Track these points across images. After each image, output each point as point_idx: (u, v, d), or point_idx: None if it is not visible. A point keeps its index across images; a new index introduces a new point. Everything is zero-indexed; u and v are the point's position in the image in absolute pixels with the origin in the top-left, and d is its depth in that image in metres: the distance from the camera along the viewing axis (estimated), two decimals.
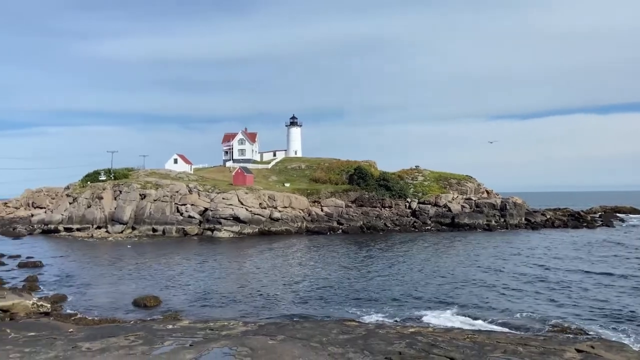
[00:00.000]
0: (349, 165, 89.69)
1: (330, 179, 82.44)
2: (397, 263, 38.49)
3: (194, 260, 41.24)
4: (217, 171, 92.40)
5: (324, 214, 69.58)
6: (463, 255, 41.58)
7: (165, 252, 46.84)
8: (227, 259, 42.70)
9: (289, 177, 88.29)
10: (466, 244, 51.14)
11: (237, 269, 37.29)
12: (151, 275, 34.63)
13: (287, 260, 41.04)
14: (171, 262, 40.81)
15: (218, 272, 35.74)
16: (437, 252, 44.33)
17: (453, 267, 35.99)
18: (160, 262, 40.64)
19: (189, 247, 50.66)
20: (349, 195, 75.04)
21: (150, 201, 64.33)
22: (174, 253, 46.47)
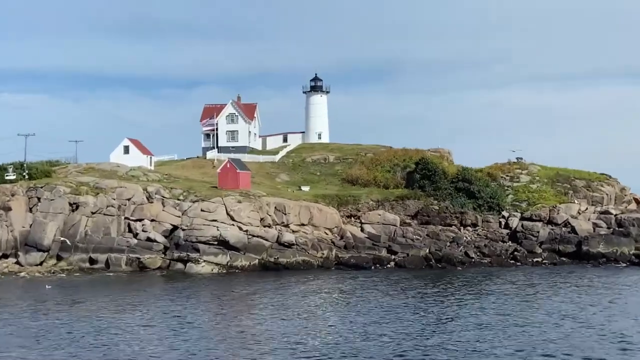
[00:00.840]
0: (406, 156, 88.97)
1: (375, 179, 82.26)
2: (498, 330, 37.49)
3: (156, 319, 40.44)
4: (193, 166, 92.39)
5: (366, 236, 69.18)
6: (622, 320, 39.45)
7: (109, 301, 46.47)
8: (208, 314, 42.06)
9: (308, 176, 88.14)
10: (610, 287, 50.14)
11: (222, 338, 35.86)
12: (79, 355, 32.60)
13: (306, 321, 40.23)
14: (117, 322, 40.05)
15: (193, 344, 34.51)
16: (570, 310, 42.21)
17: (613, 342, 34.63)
18: (100, 322, 39.80)
19: (148, 292, 50.27)
20: (406, 206, 74.80)
21: (86, 214, 64.43)
22: (123, 302, 45.99)
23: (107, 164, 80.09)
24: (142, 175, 76.36)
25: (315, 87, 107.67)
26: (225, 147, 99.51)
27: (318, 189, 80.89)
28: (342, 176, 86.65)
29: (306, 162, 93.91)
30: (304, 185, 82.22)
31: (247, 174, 76.24)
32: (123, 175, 75.64)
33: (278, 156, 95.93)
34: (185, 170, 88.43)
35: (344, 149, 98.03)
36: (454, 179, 77.48)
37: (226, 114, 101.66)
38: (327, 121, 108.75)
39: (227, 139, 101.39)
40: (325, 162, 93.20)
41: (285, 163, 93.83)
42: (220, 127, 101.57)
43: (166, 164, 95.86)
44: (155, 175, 77.59)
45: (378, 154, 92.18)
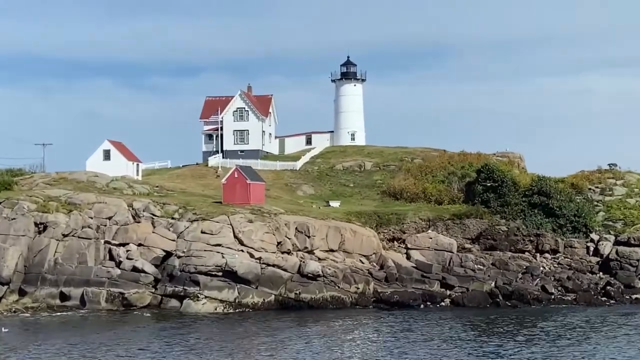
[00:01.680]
0: (465, 162, 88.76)
1: (425, 191, 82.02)
2: None
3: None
4: (191, 175, 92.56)
5: (413, 265, 68.71)
6: None
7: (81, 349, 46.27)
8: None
9: (338, 189, 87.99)
10: None
11: None
12: None
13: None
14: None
15: None
16: None
17: None
18: None
19: (132, 338, 50.11)
20: (465, 227, 74.33)
21: (56, 237, 64.53)
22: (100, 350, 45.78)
23: (82, 173, 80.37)
24: (126, 188, 76.49)
25: (347, 73, 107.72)
26: (233, 152, 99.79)
27: (351, 205, 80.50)
28: (381, 188, 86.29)
29: (336, 170, 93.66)
30: (333, 199, 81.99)
31: (261, 186, 76.19)
32: (103, 187, 75.76)
33: (300, 162, 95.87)
34: (181, 180, 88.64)
35: (385, 154, 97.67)
36: (527, 192, 76.97)
37: (233, 108, 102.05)
38: (363, 117, 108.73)
39: (234, 141, 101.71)
40: (361, 170, 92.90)
41: (309, 171, 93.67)
42: (226, 125, 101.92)
43: (157, 172, 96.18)
44: (143, 188, 77.74)
45: (428, 160, 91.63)
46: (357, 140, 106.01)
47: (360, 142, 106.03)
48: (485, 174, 78.65)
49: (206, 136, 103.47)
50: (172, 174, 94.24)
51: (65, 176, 78.81)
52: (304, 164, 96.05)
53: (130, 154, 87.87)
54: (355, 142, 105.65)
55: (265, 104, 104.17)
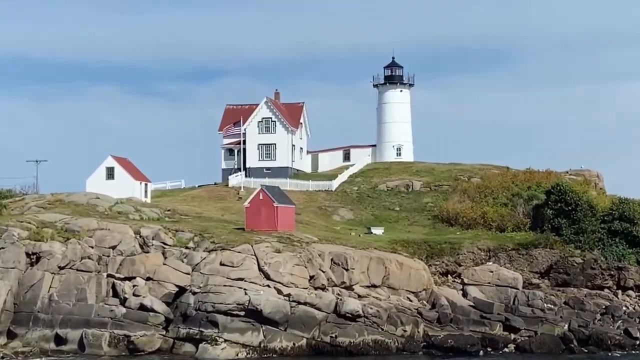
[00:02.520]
0: (532, 182, 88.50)
1: (485, 216, 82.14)
2: None
3: None
4: (209, 197, 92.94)
5: (471, 303, 68.37)
6: None
7: None
8: None
9: (382, 213, 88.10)
10: None
11: None
12: None
13: None
14: None
15: None
16: None
17: None
18: None
19: None
20: (533, 258, 74.16)
21: (51, 270, 64.76)
22: None
23: (82, 194, 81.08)
24: (133, 212, 76.98)
25: (392, 77, 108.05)
26: (257, 169, 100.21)
27: (397, 232, 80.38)
28: (433, 212, 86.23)
29: (379, 190, 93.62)
30: (376, 226, 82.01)
31: (290, 210, 76.31)
32: (105, 211, 76.27)
33: (336, 182, 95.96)
34: (197, 203, 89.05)
35: (436, 172, 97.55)
36: (606, 217, 76.77)
37: (258, 119, 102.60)
38: (411, 129, 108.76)
39: (259, 157, 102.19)
40: (408, 191, 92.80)
41: (347, 192, 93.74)
42: (250, 138, 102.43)
43: (169, 194, 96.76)
44: (152, 212, 78.23)
45: (488, 179, 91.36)
46: (403, 156, 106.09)
47: (408, 158, 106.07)
48: (556, 196, 78.29)
49: (226, 151, 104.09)
50: (186, 195, 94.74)
51: (62, 198, 79.44)
52: (341, 183, 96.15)
53: (138, 172, 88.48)
54: (402, 157, 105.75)
55: (295, 113, 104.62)
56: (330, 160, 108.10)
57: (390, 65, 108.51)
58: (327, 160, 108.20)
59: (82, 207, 76.61)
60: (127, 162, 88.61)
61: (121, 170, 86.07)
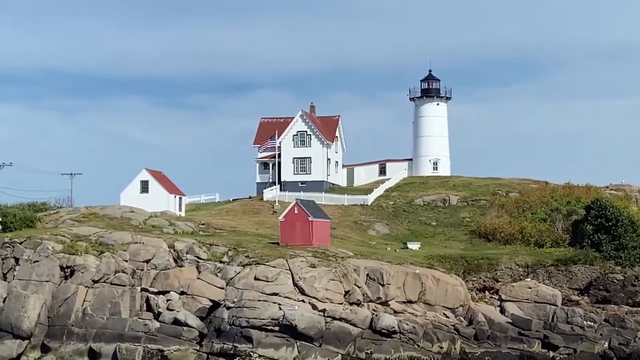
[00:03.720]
0: (571, 196, 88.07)
1: (523, 231, 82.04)
2: None
3: None
4: (243, 211, 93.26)
5: (509, 320, 68.14)
6: None
7: None
8: None
9: (418, 228, 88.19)
10: None
11: None
12: None
13: None
14: None
15: None
16: None
17: None
18: None
19: None
20: (572, 275, 73.94)
21: (85, 284, 65.03)
22: None
23: (116, 207, 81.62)
24: (167, 225, 77.37)
25: (429, 90, 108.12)
26: (292, 183, 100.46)
27: (433, 247, 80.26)
28: (470, 227, 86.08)
29: (415, 205, 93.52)
30: (412, 241, 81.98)
31: (325, 224, 76.36)
32: (140, 224, 76.73)
33: (372, 196, 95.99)
34: (231, 217, 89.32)
35: (474, 186, 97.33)
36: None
37: (293, 132, 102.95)
38: (448, 143, 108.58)
39: (294, 171, 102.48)
40: (445, 206, 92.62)
41: (383, 207, 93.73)
42: (285, 152, 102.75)
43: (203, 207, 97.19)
44: (187, 226, 78.63)
45: (527, 194, 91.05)
46: (440, 170, 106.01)
47: (445, 172, 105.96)
48: (596, 211, 77.97)
49: (261, 165, 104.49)
50: (220, 209, 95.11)
51: (96, 211, 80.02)
52: (377, 197, 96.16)
53: (172, 186, 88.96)
54: (439, 172, 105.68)
55: (331, 127, 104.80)
56: (365, 174, 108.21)
57: (427, 78, 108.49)
58: (362, 174, 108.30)
59: (116, 220, 77.10)
60: (161, 175, 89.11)
61: (155, 183, 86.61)
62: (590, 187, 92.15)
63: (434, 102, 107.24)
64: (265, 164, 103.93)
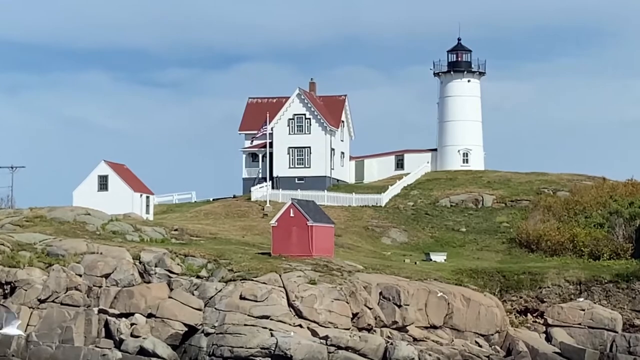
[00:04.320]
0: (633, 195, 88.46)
1: (575, 239, 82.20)
2: None
3: None
4: (226, 214, 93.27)
5: (557, 350, 68.33)
6: None
7: None
8: None
9: (444, 235, 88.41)
10: None
11: None
12: None
13: None
14: None
15: None
16: None
17: None
18: None
19: None
20: (636, 294, 73.79)
21: (29, 304, 65.24)
22: None
23: (67, 209, 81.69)
24: (131, 231, 77.46)
25: (458, 64, 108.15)
26: (287, 179, 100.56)
27: (463, 260, 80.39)
28: (509, 234, 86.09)
29: (440, 207, 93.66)
30: (436, 251, 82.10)
31: (328, 230, 76.42)
32: (97, 230, 76.82)
33: (387, 196, 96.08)
34: (211, 221, 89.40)
35: (513, 183, 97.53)
36: None
37: (289, 115, 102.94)
38: (481, 129, 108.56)
39: (289, 163, 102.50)
40: (478, 208, 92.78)
41: (400, 209, 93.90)
42: (278, 140, 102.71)
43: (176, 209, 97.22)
44: (155, 232, 78.79)
45: (579, 192, 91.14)
46: (472, 163, 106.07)
47: (477, 166, 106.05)
48: None
49: (248, 156, 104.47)
50: (198, 211, 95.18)
51: (43, 214, 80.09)
52: (393, 197, 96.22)
53: (138, 182, 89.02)
54: (470, 165, 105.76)
55: (335, 109, 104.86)
56: (379, 168, 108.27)
57: (456, 48, 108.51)
58: (375, 168, 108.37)
59: (67, 225, 77.09)
60: (124, 169, 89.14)
61: (117, 179, 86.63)
62: None
63: (464, 79, 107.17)
64: (254, 155, 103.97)
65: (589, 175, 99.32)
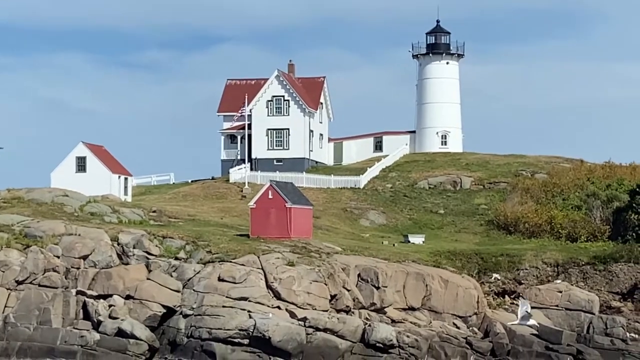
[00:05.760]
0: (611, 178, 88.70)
1: (552, 221, 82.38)
2: None
3: None
4: (204, 196, 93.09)
5: (534, 331, 68.40)
6: None
7: None
8: None
9: (422, 217, 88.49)
10: None
11: None
12: None
13: None
14: None
15: None
16: None
17: None
18: None
19: None
20: (613, 275, 74.04)
21: (7, 286, 64.96)
22: None
23: (45, 190, 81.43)
24: (109, 213, 77.32)
25: (437, 46, 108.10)
26: (266, 161, 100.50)
27: (441, 241, 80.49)
28: (487, 216, 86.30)
29: (418, 188, 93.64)
30: (415, 233, 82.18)
31: (307, 212, 76.40)
32: (75, 212, 76.62)
33: (364, 178, 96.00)
34: (189, 203, 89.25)
35: (491, 165, 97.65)
36: None
37: (267, 97, 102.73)
38: (460, 111, 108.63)
39: (268, 145, 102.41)
40: (456, 190, 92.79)
41: (378, 191, 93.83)
42: (257, 122, 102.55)
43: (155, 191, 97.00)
44: (134, 213, 78.68)
45: (557, 175, 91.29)
46: (450, 146, 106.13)
47: (456, 148, 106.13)
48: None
49: (226, 138, 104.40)
50: (176, 192, 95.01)
51: (21, 195, 79.82)
52: (371, 179, 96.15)
53: (116, 164, 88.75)
54: (448, 147, 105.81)
55: (314, 91, 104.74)
56: (357, 150, 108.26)
57: (435, 30, 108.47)
58: (353, 150, 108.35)
59: (45, 206, 76.84)
60: (102, 150, 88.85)
61: (95, 160, 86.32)
62: (635, 166, 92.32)
63: (443, 61, 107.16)
64: (233, 137, 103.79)
65: (567, 157, 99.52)
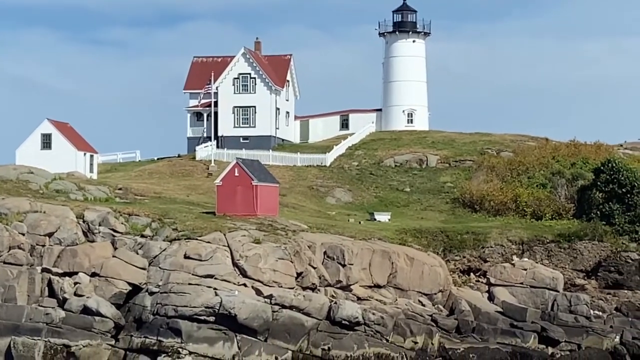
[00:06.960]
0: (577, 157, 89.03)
1: (518, 199, 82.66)
2: None
3: None
4: (171, 173, 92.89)
5: (499, 309, 68.79)
6: None
7: None
8: None
9: (388, 195, 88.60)
10: None
11: None
12: None
13: None
14: None
15: None
16: None
17: None
18: None
19: None
20: (577, 253, 74.48)
21: None
22: None
23: (10, 167, 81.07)
24: (75, 190, 77.05)
25: (403, 24, 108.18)
26: (232, 138, 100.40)
27: (407, 219, 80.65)
28: (453, 194, 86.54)
29: (385, 167, 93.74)
30: (381, 211, 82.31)
31: (273, 190, 76.41)
32: (40, 189, 76.30)
33: (331, 155, 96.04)
34: (155, 180, 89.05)
35: (457, 143, 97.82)
36: None
37: (234, 74, 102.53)
38: (426, 90, 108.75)
39: (234, 123, 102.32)
40: (422, 168, 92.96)
41: (344, 169, 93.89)
42: (223, 99, 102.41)
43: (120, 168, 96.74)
44: (99, 191, 78.45)
45: (522, 153, 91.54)
46: (416, 124, 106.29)
47: (422, 126, 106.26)
48: (607, 175, 78.65)
49: (193, 115, 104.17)
50: (142, 170, 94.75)
51: None
52: (337, 157, 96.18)
53: (82, 141, 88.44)
54: (414, 125, 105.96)
55: (280, 69, 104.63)
56: (324, 128, 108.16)
57: (401, 8, 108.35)
58: (319, 128, 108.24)
59: (10, 183, 76.52)
60: (68, 127, 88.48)
61: (60, 137, 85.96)
62: (600, 145, 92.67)
63: (409, 39, 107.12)
64: (199, 114, 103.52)
65: (532, 136, 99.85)
